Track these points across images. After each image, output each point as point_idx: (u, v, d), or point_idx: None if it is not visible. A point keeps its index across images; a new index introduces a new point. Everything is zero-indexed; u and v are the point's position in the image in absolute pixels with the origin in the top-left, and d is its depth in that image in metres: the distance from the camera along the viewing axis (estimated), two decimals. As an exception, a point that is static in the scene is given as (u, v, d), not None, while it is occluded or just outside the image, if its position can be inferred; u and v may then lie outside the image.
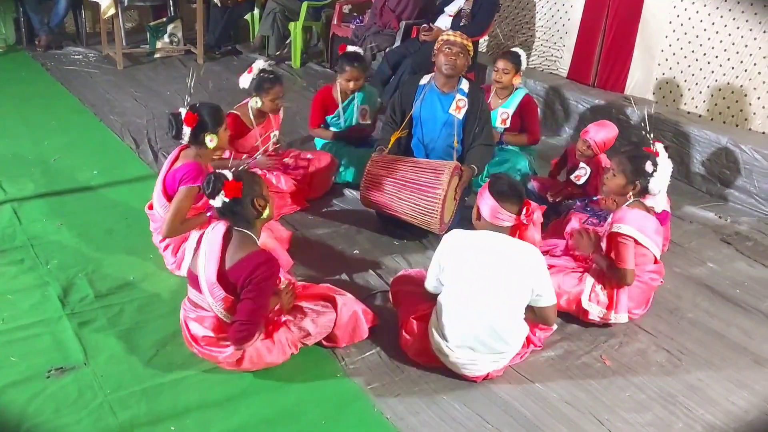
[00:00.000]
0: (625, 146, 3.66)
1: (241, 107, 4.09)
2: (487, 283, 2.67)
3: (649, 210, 3.24)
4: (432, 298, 2.87)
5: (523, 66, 4.49)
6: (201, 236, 2.72)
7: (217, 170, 2.66)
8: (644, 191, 3.22)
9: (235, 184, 2.59)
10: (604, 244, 3.22)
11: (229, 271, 2.60)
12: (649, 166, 3.17)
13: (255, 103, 4.01)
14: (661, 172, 3.21)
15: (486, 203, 2.77)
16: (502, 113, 4.48)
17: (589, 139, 3.92)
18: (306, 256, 3.67)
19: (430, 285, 2.88)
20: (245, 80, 4.04)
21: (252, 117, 4.06)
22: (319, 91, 4.66)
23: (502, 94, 4.52)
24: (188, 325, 2.76)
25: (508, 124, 4.49)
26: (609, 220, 3.23)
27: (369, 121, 4.60)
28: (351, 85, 4.42)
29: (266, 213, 2.70)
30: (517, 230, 2.84)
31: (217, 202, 2.61)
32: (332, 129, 4.57)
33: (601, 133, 3.92)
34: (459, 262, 2.71)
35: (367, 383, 2.78)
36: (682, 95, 5.18)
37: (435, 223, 3.59)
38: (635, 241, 3.09)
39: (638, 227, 3.10)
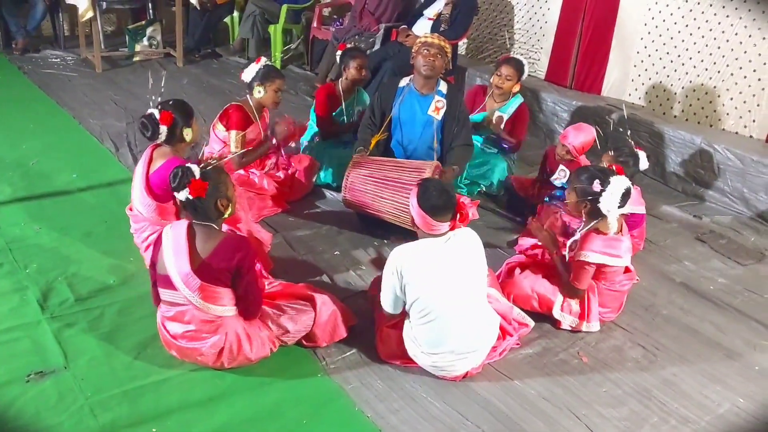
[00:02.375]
0: (604, 154, 3.66)
1: (242, 101, 4.13)
2: (452, 285, 2.71)
3: (611, 232, 3.10)
4: (396, 317, 2.86)
5: (525, 75, 4.57)
6: (158, 237, 2.73)
7: (187, 164, 2.69)
8: (597, 211, 3.05)
9: (200, 184, 2.62)
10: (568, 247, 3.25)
11: (208, 260, 2.63)
12: (596, 186, 3.00)
13: (258, 93, 4.06)
14: (611, 191, 2.98)
15: (419, 220, 2.76)
16: (497, 117, 4.53)
17: (568, 144, 3.96)
18: (287, 258, 3.69)
19: (388, 306, 2.82)
20: (251, 71, 4.09)
21: (254, 110, 4.12)
22: (320, 89, 4.71)
23: (499, 98, 4.59)
24: (166, 326, 2.77)
25: (502, 126, 4.54)
26: (577, 237, 3.17)
27: None
28: (363, 72, 4.52)
29: (228, 213, 2.75)
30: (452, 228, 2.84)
31: (181, 196, 2.65)
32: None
33: (580, 137, 3.97)
34: (421, 275, 2.69)
35: (347, 382, 2.80)
36: (657, 96, 5.27)
37: (417, 221, 3.62)
38: (604, 265, 3.10)
39: (605, 251, 3.06)
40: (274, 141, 4.16)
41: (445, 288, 2.70)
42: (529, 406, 2.76)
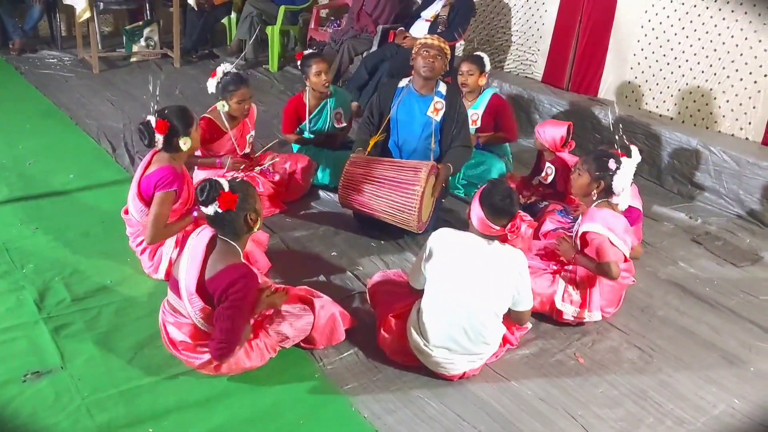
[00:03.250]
0: (600, 147, 3.71)
1: (213, 111, 4.10)
2: (470, 285, 2.71)
3: (615, 209, 3.26)
4: (417, 294, 2.88)
5: (487, 67, 4.57)
6: (185, 239, 2.71)
7: (215, 177, 2.62)
8: (609, 190, 3.22)
9: (230, 197, 2.54)
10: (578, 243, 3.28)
11: (208, 281, 2.59)
12: (612, 164, 3.18)
13: (222, 107, 4.01)
14: (624, 170, 3.19)
15: (475, 213, 2.76)
16: (471, 114, 4.54)
17: (538, 134, 4.08)
18: (284, 259, 3.69)
19: (413, 279, 2.87)
20: (211, 85, 4.05)
21: (225, 120, 4.07)
22: (290, 100, 4.67)
23: (470, 96, 4.59)
24: (167, 328, 2.77)
25: (478, 124, 4.55)
26: (578, 220, 3.28)
27: (344, 124, 4.65)
28: (323, 78, 4.39)
29: (256, 227, 2.69)
30: (504, 240, 2.87)
31: (210, 210, 2.56)
32: (305, 136, 4.58)
33: (547, 127, 4.08)
34: (446, 258, 2.73)
35: (344, 383, 2.81)
36: (653, 98, 5.28)
37: (413, 220, 3.63)
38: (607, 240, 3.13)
39: (606, 226, 3.14)
40: (223, 168, 4.01)
41: (460, 283, 2.70)
42: (526, 407, 2.77)
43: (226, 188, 2.56)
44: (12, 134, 5.05)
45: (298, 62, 4.53)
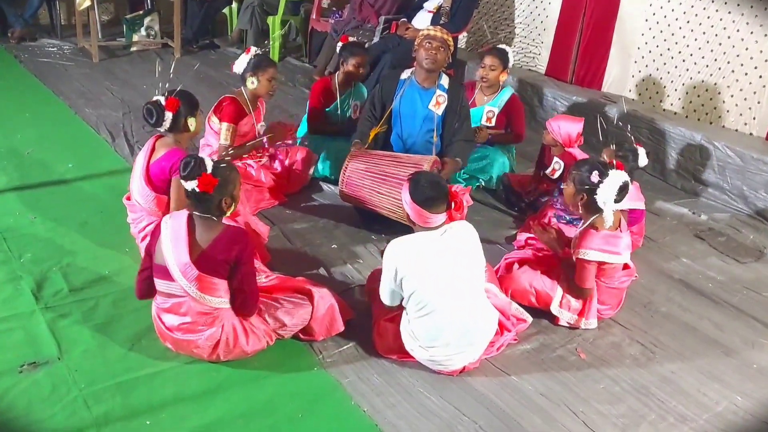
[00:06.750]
0: (605, 149, 3.65)
1: (236, 92, 4.08)
2: (451, 276, 2.69)
3: (604, 227, 3.05)
4: (396, 309, 2.84)
5: (510, 63, 4.50)
6: (157, 227, 2.71)
7: (201, 156, 2.68)
8: (594, 203, 3.03)
9: (210, 179, 2.59)
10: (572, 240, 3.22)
11: (208, 251, 2.61)
12: (594, 176, 2.97)
13: (251, 84, 4.00)
14: (609, 183, 2.96)
15: (415, 214, 2.74)
16: (488, 111, 4.48)
17: (550, 128, 3.94)
18: (284, 251, 3.66)
19: (387, 299, 2.81)
20: (242, 62, 4.04)
21: (248, 102, 4.06)
22: (317, 82, 4.69)
23: (488, 91, 4.52)
24: (162, 318, 2.75)
25: (493, 123, 4.50)
26: (576, 235, 3.15)
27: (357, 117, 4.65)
28: (361, 70, 4.49)
29: (229, 212, 2.73)
30: (451, 218, 2.86)
31: (189, 185, 2.62)
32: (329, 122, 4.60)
33: (561, 121, 3.96)
34: (416, 270, 2.67)
35: (344, 376, 2.79)
36: (657, 92, 5.25)
37: (414, 217, 3.60)
38: (603, 262, 3.07)
39: (603, 249, 3.03)
40: (264, 140, 4.12)
41: (441, 281, 2.68)
42: (526, 402, 2.74)
43: (209, 170, 2.61)
44: (11, 123, 5.01)
45: (339, 44, 4.60)
